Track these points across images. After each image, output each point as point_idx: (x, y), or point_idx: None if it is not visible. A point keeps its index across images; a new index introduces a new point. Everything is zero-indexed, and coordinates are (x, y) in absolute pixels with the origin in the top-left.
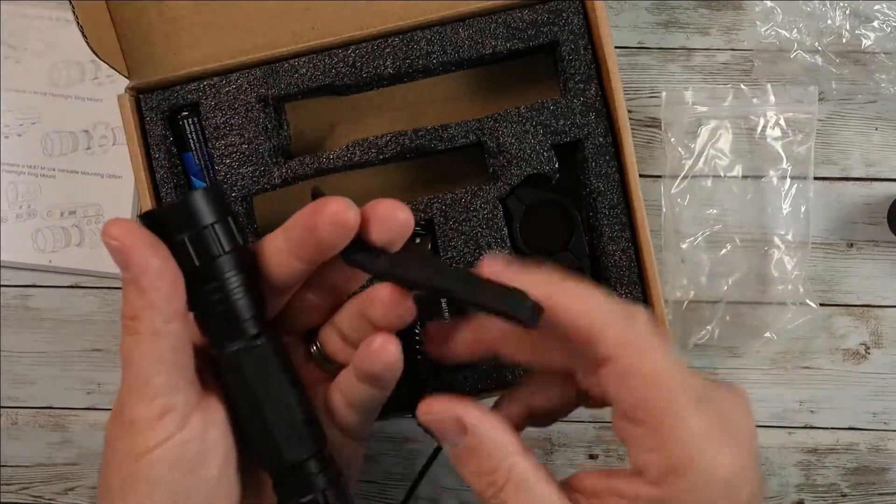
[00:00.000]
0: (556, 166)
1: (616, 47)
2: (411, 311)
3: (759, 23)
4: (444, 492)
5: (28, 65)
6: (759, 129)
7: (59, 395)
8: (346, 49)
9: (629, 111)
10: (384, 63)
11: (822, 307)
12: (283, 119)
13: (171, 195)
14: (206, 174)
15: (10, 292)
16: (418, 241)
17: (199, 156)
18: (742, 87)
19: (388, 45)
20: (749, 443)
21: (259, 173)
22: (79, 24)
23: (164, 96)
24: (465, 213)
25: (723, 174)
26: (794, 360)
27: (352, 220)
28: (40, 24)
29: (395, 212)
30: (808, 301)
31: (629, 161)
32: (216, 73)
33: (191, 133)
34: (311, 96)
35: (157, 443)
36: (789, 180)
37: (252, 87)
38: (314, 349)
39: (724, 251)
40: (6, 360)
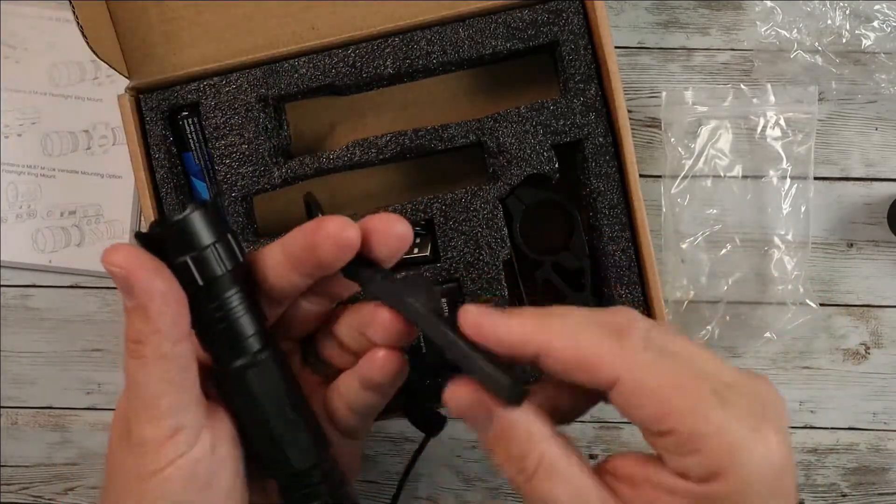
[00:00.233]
0: (556, 166)
1: (616, 47)
2: (412, 335)
3: (759, 23)
4: (444, 492)
5: (28, 65)
6: (759, 129)
7: (59, 395)
8: (346, 49)
9: (629, 111)
10: (384, 63)
11: (822, 307)
12: (283, 119)
13: (171, 195)
14: (206, 174)
15: (10, 292)
16: (419, 241)
17: (199, 156)
18: (742, 87)
19: (388, 45)
20: (782, 424)
21: (259, 173)
22: (79, 24)
23: (164, 96)
24: (465, 213)
25: (723, 174)
26: (794, 360)
27: (353, 240)
28: (40, 24)
29: (393, 226)
30: (808, 301)
31: (629, 161)
32: (216, 73)
33: (191, 133)
34: (311, 96)
35: (169, 462)
36: (789, 180)
37: (252, 87)
38: (312, 355)
39: (724, 251)
40: (6, 360)
